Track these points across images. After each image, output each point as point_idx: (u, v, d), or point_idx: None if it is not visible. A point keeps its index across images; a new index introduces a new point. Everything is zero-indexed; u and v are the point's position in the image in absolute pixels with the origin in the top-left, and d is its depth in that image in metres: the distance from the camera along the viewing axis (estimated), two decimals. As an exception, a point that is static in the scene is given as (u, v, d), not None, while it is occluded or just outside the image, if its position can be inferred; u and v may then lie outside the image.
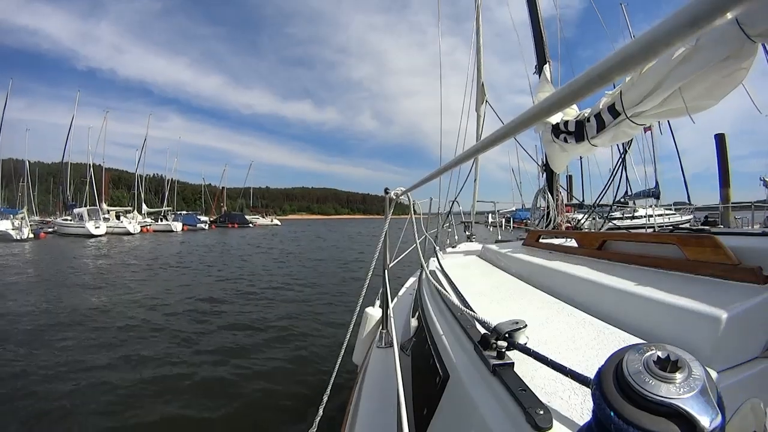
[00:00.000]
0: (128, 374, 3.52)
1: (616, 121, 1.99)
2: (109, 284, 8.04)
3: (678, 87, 1.55)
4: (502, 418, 0.59)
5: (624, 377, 0.34)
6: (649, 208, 11.85)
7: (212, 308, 5.93)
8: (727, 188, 9.44)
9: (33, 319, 5.31)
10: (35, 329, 4.84)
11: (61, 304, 6.15)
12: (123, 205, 39.87)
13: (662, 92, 1.61)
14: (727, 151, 9.76)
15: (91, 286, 7.88)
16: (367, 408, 1.37)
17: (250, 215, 52.94)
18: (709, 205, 12.18)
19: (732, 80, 1.43)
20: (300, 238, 24.19)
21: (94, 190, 31.96)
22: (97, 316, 5.42)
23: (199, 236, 26.93)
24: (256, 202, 73.45)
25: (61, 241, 21.17)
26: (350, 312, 1.63)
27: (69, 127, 33.72)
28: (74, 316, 5.43)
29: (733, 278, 0.93)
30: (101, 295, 6.87)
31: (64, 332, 4.68)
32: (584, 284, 1.23)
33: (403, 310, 2.30)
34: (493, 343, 0.71)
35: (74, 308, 5.83)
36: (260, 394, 3.21)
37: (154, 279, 8.78)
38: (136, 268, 10.65)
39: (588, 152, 2.75)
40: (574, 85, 0.35)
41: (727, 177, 9.55)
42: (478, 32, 4.22)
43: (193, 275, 9.34)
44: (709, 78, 1.44)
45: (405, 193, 1.87)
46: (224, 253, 15.19)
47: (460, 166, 1.54)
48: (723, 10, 0.22)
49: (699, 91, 1.52)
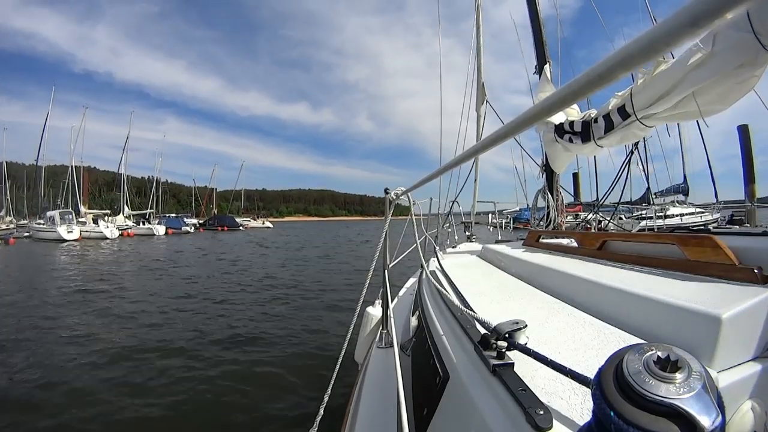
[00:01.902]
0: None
1: (626, 123, 2.00)
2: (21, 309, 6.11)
3: (692, 91, 1.56)
4: (502, 418, 0.59)
5: (624, 377, 0.34)
6: (678, 206, 10.95)
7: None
8: (752, 184, 8.67)
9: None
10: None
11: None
12: (114, 207, 38.45)
13: (676, 95, 1.63)
14: (752, 144, 8.91)
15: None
16: (367, 408, 1.37)
17: (242, 218, 51.37)
18: (729, 202, 11.07)
19: (744, 87, 1.45)
20: (283, 247, 19.59)
21: (77, 191, 30.66)
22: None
23: (182, 241, 24.64)
24: (252, 205, 72.00)
25: (32, 247, 19.50)
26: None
27: (43, 126, 32.26)
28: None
29: (733, 278, 0.93)
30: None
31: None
32: (584, 284, 1.23)
33: (403, 310, 2.30)
34: (493, 343, 0.71)
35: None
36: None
37: (81, 304, 6.49)
38: (74, 284, 8.54)
39: (593, 153, 2.75)
40: (574, 85, 0.35)
41: (752, 172, 8.75)
42: (478, 32, 4.22)
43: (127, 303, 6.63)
44: (723, 84, 1.46)
45: (405, 193, 1.87)
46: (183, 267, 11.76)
47: (460, 166, 1.54)
48: (723, 10, 0.22)
49: (712, 96, 1.54)
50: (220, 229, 41.15)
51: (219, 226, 42.07)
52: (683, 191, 11.92)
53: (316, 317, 5.62)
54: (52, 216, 25.86)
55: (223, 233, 36.40)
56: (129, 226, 31.62)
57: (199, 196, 61.21)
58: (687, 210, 11.94)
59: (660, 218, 10.59)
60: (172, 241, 24.98)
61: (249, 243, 22.57)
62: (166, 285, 8.55)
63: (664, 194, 12.00)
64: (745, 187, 8.84)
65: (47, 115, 32.41)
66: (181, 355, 4.06)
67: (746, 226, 5.62)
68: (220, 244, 21.29)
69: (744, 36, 1.28)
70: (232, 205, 64.59)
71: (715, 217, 11.57)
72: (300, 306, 6.34)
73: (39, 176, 34.03)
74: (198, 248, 18.57)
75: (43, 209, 29.83)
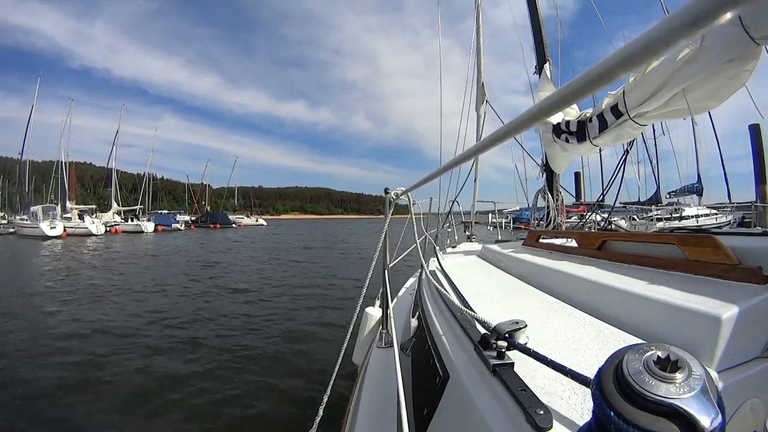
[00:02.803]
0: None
1: (619, 122, 1.99)
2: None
3: (682, 88, 1.55)
4: (502, 418, 0.59)
5: (624, 377, 0.34)
6: (693, 207, 10.13)
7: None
8: (763, 185, 8.34)
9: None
10: None
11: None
12: (105, 203, 36.88)
13: (666, 93, 1.61)
14: (763, 143, 8.59)
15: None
16: (367, 408, 1.37)
17: (235, 215, 49.91)
18: (742, 203, 10.14)
19: (736, 82, 1.43)
20: (270, 247, 18.24)
21: (64, 186, 29.57)
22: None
23: (170, 239, 23.61)
24: (248, 202, 70.75)
25: (14, 244, 18.75)
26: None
27: (28, 120, 31.16)
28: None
29: (733, 278, 0.93)
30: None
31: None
32: (584, 284, 1.23)
33: (403, 310, 2.29)
34: (493, 343, 0.71)
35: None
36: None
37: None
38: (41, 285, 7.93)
39: (589, 152, 2.75)
40: (574, 85, 0.35)
41: (764, 172, 8.40)
42: (479, 32, 4.22)
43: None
44: (713, 80, 1.44)
45: (405, 193, 1.87)
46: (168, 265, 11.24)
47: (459, 166, 1.54)
48: (723, 9, 0.22)
49: (703, 92, 1.52)
50: (212, 226, 40.07)
51: (211, 224, 40.99)
52: (697, 191, 11.10)
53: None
54: (35, 211, 24.90)
55: (215, 231, 35.30)
56: (116, 222, 30.63)
57: (192, 193, 58.95)
58: (703, 211, 11.26)
59: (676, 219, 9.91)
60: (159, 239, 23.87)
61: (236, 243, 20.90)
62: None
63: (678, 194, 11.30)
64: (756, 187, 8.51)
65: (32, 108, 31.60)
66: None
67: (757, 229, 5.51)
68: (205, 246, 19.19)
69: (733, 30, 1.25)
70: (228, 202, 62.82)
71: (728, 219, 10.84)
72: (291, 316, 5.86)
73: (24, 171, 33.09)
74: (179, 250, 16.64)
75: (26, 205, 28.90)
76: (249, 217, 51.96)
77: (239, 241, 22.70)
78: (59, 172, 31.14)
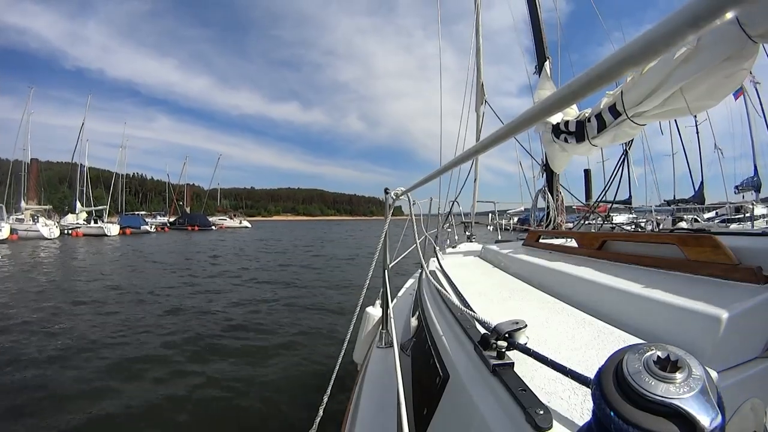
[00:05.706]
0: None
1: (617, 121, 1.99)
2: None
3: (679, 87, 1.54)
4: (502, 418, 0.59)
5: (624, 377, 0.34)
6: (761, 205, 8.55)
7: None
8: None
9: None
10: None
11: None
12: (70, 204, 33.78)
13: (663, 92, 1.61)
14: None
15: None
16: (367, 408, 1.37)
17: (217, 216, 47.69)
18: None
19: (733, 81, 1.42)
20: (238, 257, 14.52)
21: (23, 186, 27.46)
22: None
23: (134, 242, 21.54)
24: (240, 204, 68.33)
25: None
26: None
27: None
28: None
29: (733, 278, 0.93)
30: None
31: None
32: (584, 284, 1.23)
33: (403, 310, 2.29)
34: (493, 343, 0.71)
35: None
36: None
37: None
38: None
39: (588, 152, 2.75)
40: (574, 85, 0.35)
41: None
42: (478, 32, 4.22)
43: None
44: (711, 78, 1.44)
45: (405, 193, 1.87)
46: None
47: (459, 166, 1.54)
48: (723, 9, 0.22)
49: (700, 91, 1.51)
50: (190, 228, 37.70)
51: (189, 225, 38.46)
52: (755, 186, 9.50)
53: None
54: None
55: (192, 233, 33.01)
56: (78, 225, 28.18)
57: (173, 192, 55.09)
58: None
59: (748, 221, 8.29)
60: (122, 242, 21.51)
61: (200, 253, 15.63)
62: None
63: (741, 189, 9.49)
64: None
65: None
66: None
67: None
68: (153, 254, 15.26)
69: (729, 28, 1.25)
70: (213, 203, 59.35)
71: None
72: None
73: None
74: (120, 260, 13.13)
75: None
76: (232, 218, 49.19)
77: (213, 246, 19.43)
78: (23, 170, 29.17)
